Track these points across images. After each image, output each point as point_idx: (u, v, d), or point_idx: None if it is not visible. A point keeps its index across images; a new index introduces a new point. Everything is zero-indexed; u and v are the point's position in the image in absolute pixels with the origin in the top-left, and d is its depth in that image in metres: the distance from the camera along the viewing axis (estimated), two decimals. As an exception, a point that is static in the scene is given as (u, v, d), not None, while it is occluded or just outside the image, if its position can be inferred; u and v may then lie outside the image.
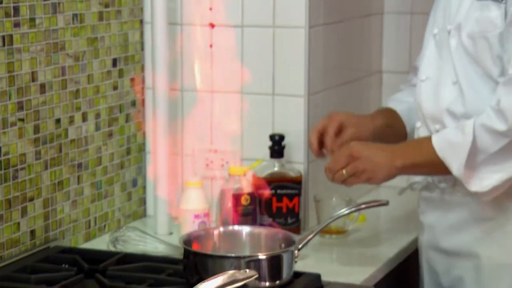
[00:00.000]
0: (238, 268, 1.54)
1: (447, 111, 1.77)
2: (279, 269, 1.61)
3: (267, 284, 1.59)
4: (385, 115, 1.95)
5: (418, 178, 1.87)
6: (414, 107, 1.88)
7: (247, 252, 1.70)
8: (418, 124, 1.84)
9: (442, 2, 1.83)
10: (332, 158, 1.81)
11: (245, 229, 1.74)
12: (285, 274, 1.62)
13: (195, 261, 1.60)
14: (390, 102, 2.01)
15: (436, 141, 1.74)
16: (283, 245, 1.67)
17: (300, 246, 1.67)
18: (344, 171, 1.76)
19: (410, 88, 1.98)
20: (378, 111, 1.99)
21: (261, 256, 1.60)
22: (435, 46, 1.82)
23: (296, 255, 1.64)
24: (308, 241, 1.69)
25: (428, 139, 1.75)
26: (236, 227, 1.75)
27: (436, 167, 1.74)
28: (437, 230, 1.85)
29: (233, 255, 1.64)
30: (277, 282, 1.61)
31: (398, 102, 1.99)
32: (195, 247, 1.65)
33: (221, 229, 1.75)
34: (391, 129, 1.94)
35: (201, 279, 1.54)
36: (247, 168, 2.03)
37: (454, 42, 1.76)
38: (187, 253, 1.62)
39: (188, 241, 1.66)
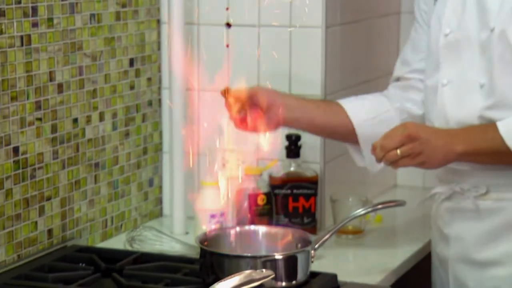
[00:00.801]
0: (254, 268, 1.54)
1: (479, 117, 1.68)
2: (295, 269, 1.60)
3: (283, 284, 1.59)
4: (318, 101, 1.85)
5: (440, 189, 1.79)
6: (374, 102, 1.81)
7: (263, 252, 1.70)
8: None
9: (451, 2, 1.74)
10: (385, 135, 1.66)
11: (262, 229, 1.74)
12: (301, 274, 1.61)
13: (212, 261, 1.60)
14: (346, 99, 1.88)
15: (503, 129, 1.62)
16: (299, 245, 1.67)
17: (316, 246, 1.67)
18: (398, 151, 1.63)
19: (383, 93, 1.90)
20: (310, 100, 1.87)
21: (278, 256, 1.60)
22: (449, 47, 1.74)
23: (312, 255, 1.64)
24: (325, 241, 1.69)
25: (493, 126, 1.64)
26: (253, 227, 1.75)
27: (500, 156, 1.63)
28: (468, 242, 1.74)
29: (249, 255, 1.64)
30: (293, 282, 1.60)
31: (351, 97, 1.88)
32: (211, 247, 1.65)
33: (238, 228, 1.75)
34: (326, 113, 1.83)
35: (217, 278, 1.54)
36: (263, 168, 2.03)
37: (498, 46, 1.65)
38: (204, 252, 1.62)
39: (204, 240, 1.66)
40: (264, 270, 1.23)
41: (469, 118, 1.70)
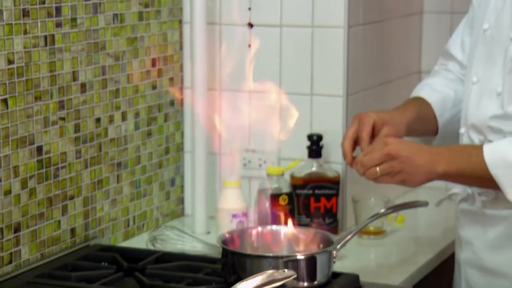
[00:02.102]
0: (276, 268, 1.54)
1: (488, 126, 1.64)
2: (317, 270, 1.60)
3: (305, 284, 1.59)
4: (416, 107, 1.77)
5: (457, 190, 1.75)
6: (450, 97, 1.75)
7: (285, 252, 1.70)
8: (462, 130, 1.71)
9: None
10: (366, 152, 1.64)
11: (283, 229, 1.74)
12: (323, 275, 1.61)
13: (233, 261, 1.61)
14: (422, 89, 1.81)
15: (488, 155, 1.58)
16: (321, 246, 1.67)
17: (338, 246, 1.67)
18: (377, 169, 1.60)
19: (445, 74, 1.83)
20: (408, 102, 1.81)
21: (299, 256, 1.59)
22: (484, 43, 1.67)
23: (334, 255, 1.64)
24: (347, 241, 1.69)
25: (479, 149, 1.60)
26: (275, 227, 1.75)
27: (482, 181, 1.60)
28: (477, 247, 1.71)
29: (271, 254, 1.64)
30: (315, 282, 1.60)
31: (432, 91, 1.81)
32: (233, 247, 1.65)
33: (259, 228, 1.75)
34: (421, 121, 1.77)
35: (239, 278, 1.55)
36: (285, 168, 2.03)
37: None
38: (226, 252, 1.62)
39: (226, 240, 1.66)
40: (286, 270, 1.23)
41: (480, 124, 1.65)
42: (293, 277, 1.22)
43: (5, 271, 1.70)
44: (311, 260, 1.59)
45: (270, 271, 1.21)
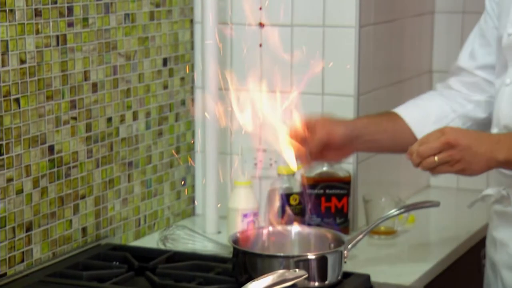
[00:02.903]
0: (287, 267, 1.54)
1: None
2: (328, 269, 1.60)
3: (316, 284, 1.59)
4: (371, 119, 1.74)
5: (490, 191, 1.74)
6: (432, 112, 1.73)
7: (296, 252, 1.70)
8: (495, 130, 1.69)
9: None
10: (422, 141, 1.59)
11: (294, 229, 1.74)
12: (334, 275, 1.61)
13: (244, 260, 1.61)
14: (403, 106, 1.79)
15: None
16: (332, 245, 1.66)
17: (349, 246, 1.66)
18: (436, 158, 1.55)
19: (440, 90, 1.82)
20: (367, 116, 1.80)
21: (310, 256, 1.59)
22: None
23: (345, 255, 1.63)
24: (358, 241, 1.69)
25: None
26: (285, 227, 1.75)
27: None
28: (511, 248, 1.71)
29: (282, 254, 1.64)
30: (326, 282, 1.60)
31: (411, 108, 1.78)
32: (244, 246, 1.65)
33: (270, 228, 1.75)
34: (387, 135, 1.75)
35: (250, 278, 1.55)
36: (296, 168, 2.03)
37: None
38: (236, 252, 1.62)
39: (237, 240, 1.66)
40: (297, 270, 1.23)
41: None
42: (304, 277, 1.22)
43: (17, 270, 1.71)
44: (322, 260, 1.59)
45: (281, 271, 1.21)
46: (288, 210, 1.97)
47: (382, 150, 1.79)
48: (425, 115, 1.76)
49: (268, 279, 1.20)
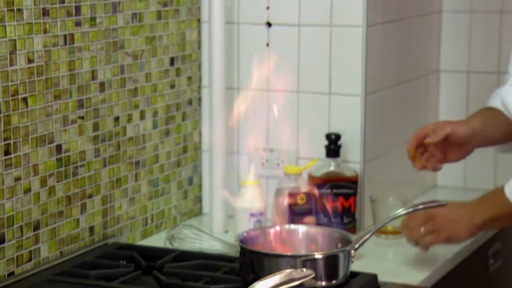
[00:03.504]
0: (294, 267, 1.54)
1: None
2: (335, 269, 1.60)
3: (323, 283, 1.59)
4: (482, 116, 1.85)
5: None
6: None
7: (303, 251, 1.70)
8: None
9: None
10: (410, 216, 1.78)
11: (301, 228, 1.74)
12: (341, 274, 1.61)
13: (252, 260, 1.61)
14: (493, 101, 1.89)
15: (509, 192, 1.70)
16: (339, 245, 1.66)
17: (356, 246, 1.66)
18: (422, 229, 1.74)
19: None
20: (476, 113, 1.88)
21: (318, 255, 1.59)
22: None
23: (352, 255, 1.63)
24: (365, 241, 1.69)
25: (501, 190, 1.72)
26: (293, 226, 1.75)
27: None
28: None
29: (289, 254, 1.64)
30: (333, 281, 1.60)
31: (499, 98, 1.87)
32: (252, 246, 1.65)
33: (277, 227, 1.75)
34: (494, 128, 1.85)
35: (257, 277, 1.55)
36: (303, 167, 2.03)
37: None
38: (244, 251, 1.62)
39: (244, 239, 1.66)
40: (304, 269, 1.23)
41: None
42: (311, 276, 1.22)
43: (25, 269, 1.71)
44: (329, 260, 1.59)
45: (288, 270, 1.21)
46: (295, 209, 1.97)
47: (497, 142, 1.87)
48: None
49: (275, 278, 1.20)
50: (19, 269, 1.70)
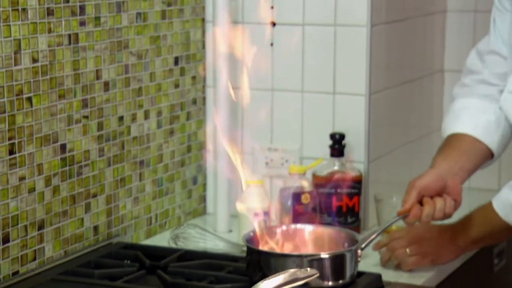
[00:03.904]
0: (300, 266, 1.54)
1: None
2: (341, 269, 1.60)
3: (330, 283, 1.59)
4: (468, 159, 1.75)
5: None
6: (491, 121, 1.75)
7: (309, 251, 1.70)
8: None
9: None
10: (391, 237, 1.78)
11: (308, 228, 1.74)
12: (348, 274, 1.61)
13: (258, 259, 1.60)
14: (463, 125, 1.79)
15: (498, 207, 1.69)
16: (346, 245, 1.66)
17: (363, 245, 1.66)
18: (407, 250, 1.74)
19: (478, 89, 1.82)
20: (459, 154, 1.77)
21: (324, 255, 1.59)
22: None
23: (359, 254, 1.63)
24: (371, 241, 1.68)
25: (486, 206, 1.71)
26: (299, 226, 1.75)
27: (504, 233, 1.70)
28: None
29: (295, 253, 1.64)
30: (340, 281, 1.60)
31: (473, 123, 1.79)
32: (258, 245, 1.65)
33: (284, 227, 1.74)
34: (476, 160, 1.78)
35: (264, 277, 1.54)
36: (307, 167, 2.03)
37: None
38: (250, 251, 1.62)
39: (250, 239, 1.66)
40: (308, 269, 1.23)
41: None
42: (315, 276, 1.22)
43: (29, 268, 1.71)
44: (335, 259, 1.59)
45: (292, 270, 1.21)
46: (299, 209, 1.97)
47: (473, 172, 1.81)
48: (487, 124, 1.77)
49: (280, 278, 1.20)
50: (24, 268, 1.70)
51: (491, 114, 1.79)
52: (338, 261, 1.59)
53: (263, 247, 1.64)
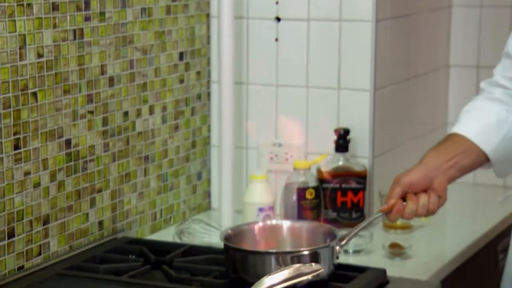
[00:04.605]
0: (280, 264, 1.52)
1: None
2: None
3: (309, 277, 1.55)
4: (452, 155, 1.72)
5: None
6: (491, 123, 1.73)
7: (288, 248, 1.68)
8: None
9: None
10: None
11: (285, 224, 1.71)
12: (326, 270, 1.56)
13: (235, 258, 1.58)
14: (461, 124, 1.76)
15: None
16: (328, 240, 1.63)
17: (343, 242, 1.62)
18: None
19: (491, 87, 1.79)
20: (444, 150, 1.74)
21: (305, 251, 1.57)
22: None
23: (337, 250, 1.60)
24: (350, 239, 1.62)
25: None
26: (274, 222, 1.73)
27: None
28: None
29: (274, 250, 1.61)
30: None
31: (471, 122, 1.75)
32: (237, 243, 1.61)
33: (260, 224, 1.72)
34: (465, 160, 1.73)
35: (241, 276, 1.53)
36: (312, 162, 2.03)
37: None
38: (228, 249, 1.59)
39: (229, 236, 1.63)
40: (313, 264, 1.23)
41: None
42: (320, 271, 1.22)
43: (34, 263, 1.72)
44: (314, 256, 1.55)
45: (296, 265, 1.21)
46: (304, 204, 1.97)
47: (466, 172, 1.77)
48: (485, 126, 1.74)
49: (284, 273, 1.20)
50: (29, 263, 1.71)
51: (492, 116, 1.75)
52: (315, 257, 1.55)
53: (241, 244, 1.61)
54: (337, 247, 1.60)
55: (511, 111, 1.75)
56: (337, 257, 1.61)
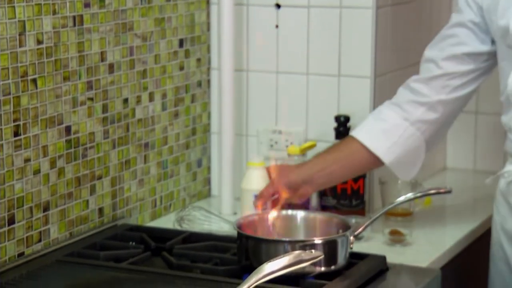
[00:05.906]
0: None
1: None
2: (334, 254, 1.58)
3: (322, 269, 1.57)
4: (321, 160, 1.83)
5: (511, 167, 1.77)
6: (388, 130, 1.81)
7: (301, 237, 1.69)
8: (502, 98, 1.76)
9: None
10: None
11: (300, 214, 1.73)
12: (340, 260, 1.59)
13: (248, 245, 1.59)
14: (358, 127, 1.85)
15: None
16: (341, 231, 1.65)
17: (356, 232, 1.65)
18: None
19: (399, 95, 1.86)
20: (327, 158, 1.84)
21: (317, 240, 1.58)
22: None
23: (351, 240, 1.62)
24: (365, 227, 1.67)
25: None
26: (290, 212, 1.74)
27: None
28: None
29: (287, 239, 1.62)
30: (332, 267, 1.58)
31: (367, 126, 1.84)
32: (250, 231, 1.63)
33: (275, 213, 1.72)
34: (340, 163, 1.83)
35: (252, 264, 1.54)
36: (300, 147, 2.02)
37: None
38: (241, 236, 1.61)
39: (241, 224, 1.64)
40: (313, 251, 1.23)
41: None
42: (320, 258, 1.22)
43: (35, 249, 1.72)
44: (328, 245, 1.58)
45: (297, 252, 1.21)
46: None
47: (342, 178, 1.88)
48: (377, 130, 1.82)
49: (285, 259, 1.20)
50: (29, 249, 1.71)
51: (386, 121, 1.82)
52: (330, 247, 1.57)
53: (254, 233, 1.63)
54: (351, 237, 1.62)
55: (408, 119, 1.82)
56: (351, 248, 1.62)
